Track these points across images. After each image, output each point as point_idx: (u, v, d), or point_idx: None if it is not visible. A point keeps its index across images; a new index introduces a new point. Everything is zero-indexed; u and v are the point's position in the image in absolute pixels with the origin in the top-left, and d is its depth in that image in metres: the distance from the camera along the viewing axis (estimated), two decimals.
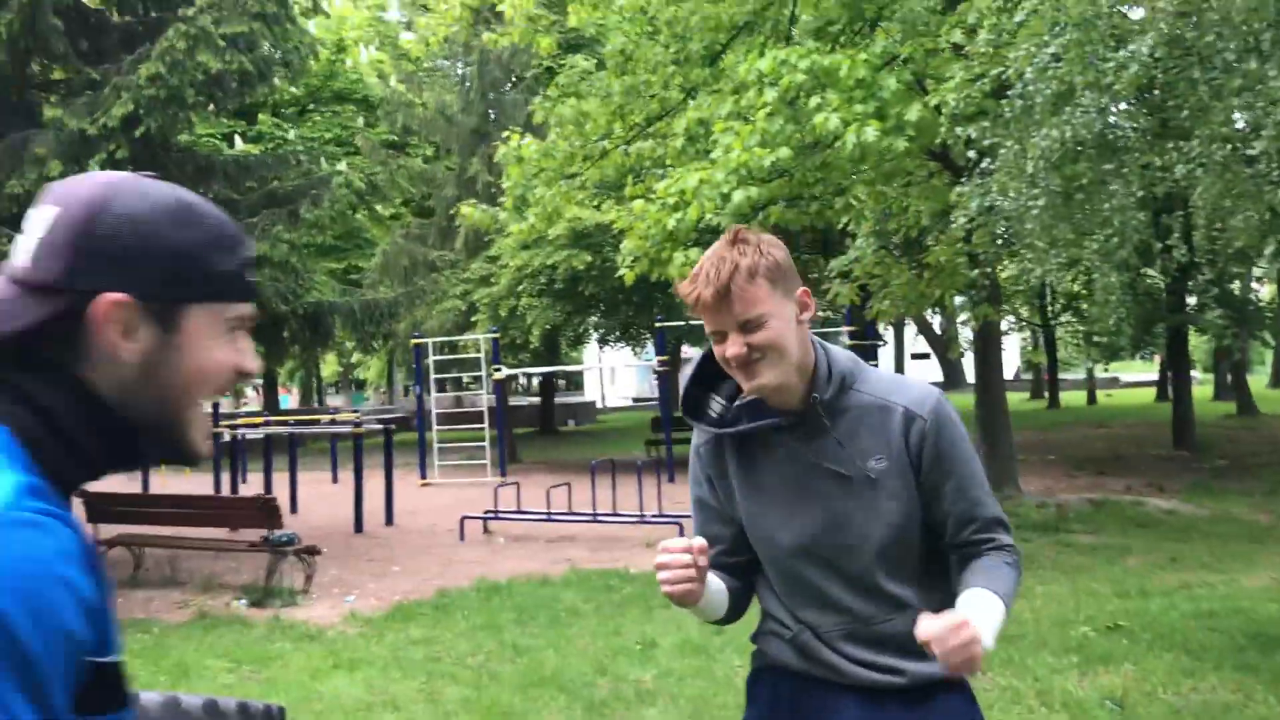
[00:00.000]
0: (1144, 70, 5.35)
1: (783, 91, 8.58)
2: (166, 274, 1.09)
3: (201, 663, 6.58)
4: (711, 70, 11.06)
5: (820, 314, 29.73)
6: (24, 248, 1.10)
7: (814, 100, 8.43)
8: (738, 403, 2.04)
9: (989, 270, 10.11)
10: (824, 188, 10.51)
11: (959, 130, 7.02)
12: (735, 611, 2.12)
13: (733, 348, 1.87)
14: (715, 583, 2.01)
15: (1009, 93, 6.30)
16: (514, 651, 6.63)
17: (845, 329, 14.91)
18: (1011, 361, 45.63)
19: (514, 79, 23.73)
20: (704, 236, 14.42)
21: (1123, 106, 6.01)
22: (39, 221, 1.10)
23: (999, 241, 8.59)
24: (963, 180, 7.81)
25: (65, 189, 1.11)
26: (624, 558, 9.74)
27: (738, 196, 8.57)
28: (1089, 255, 5.90)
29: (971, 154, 7.17)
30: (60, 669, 0.97)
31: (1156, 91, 5.82)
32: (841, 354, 2.01)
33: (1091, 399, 34.10)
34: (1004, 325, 24.11)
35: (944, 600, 1.92)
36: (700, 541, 1.87)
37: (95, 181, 1.11)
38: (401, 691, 5.84)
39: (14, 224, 9.66)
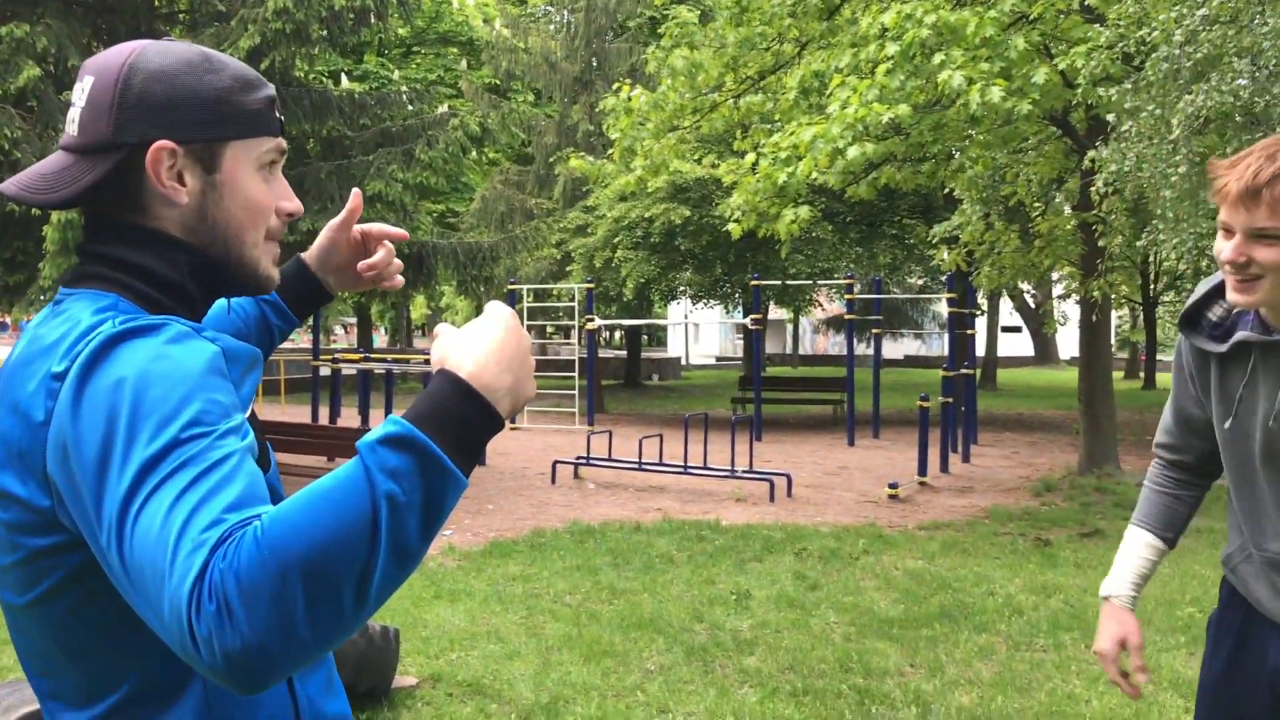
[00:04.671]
0: None
1: (905, 46, 8.41)
2: (200, 117, 1.17)
3: None
4: (828, 24, 10.88)
5: (918, 280, 29.35)
6: (70, 119, 1.20)
7: (938, 57, 8.25)
8: (1237, 310, 1.93)
9: (1120, 240, 9.79)
10: (939, 148, 10.29)
11: (1100, 91, 6.80)
12: (1176, 531, 2.25)
13: (1231, 252, 1.74)
14: (1141, 561, 2.20)
15: (1153, 55, 6.09)
16: (611, 593, 6.71)
17: (945, 295, 14.68)
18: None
19: (617, 28, 23.62)
20: (816, 196, 14.27)
21: (1266, 73, 5.76)
22: (78, 94, 1.19)
23: (1126, 210, 8.33)
24: (1096, 145, 7.58)
25: (96, 61, 1.20)
26: (714, 510, 9.79)
27: (853, 152, 8.45)
28: None
29: (1111, 118, 6.93)
30: None
31: None
32: None
33: None
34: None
35: None
36: (1125, 641, 2.14)
37: (121, 49, 1.20)
38: (503, 624, 5.97)
39: None
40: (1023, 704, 4.73)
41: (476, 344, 1.05)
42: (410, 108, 12.30)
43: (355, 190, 1.61)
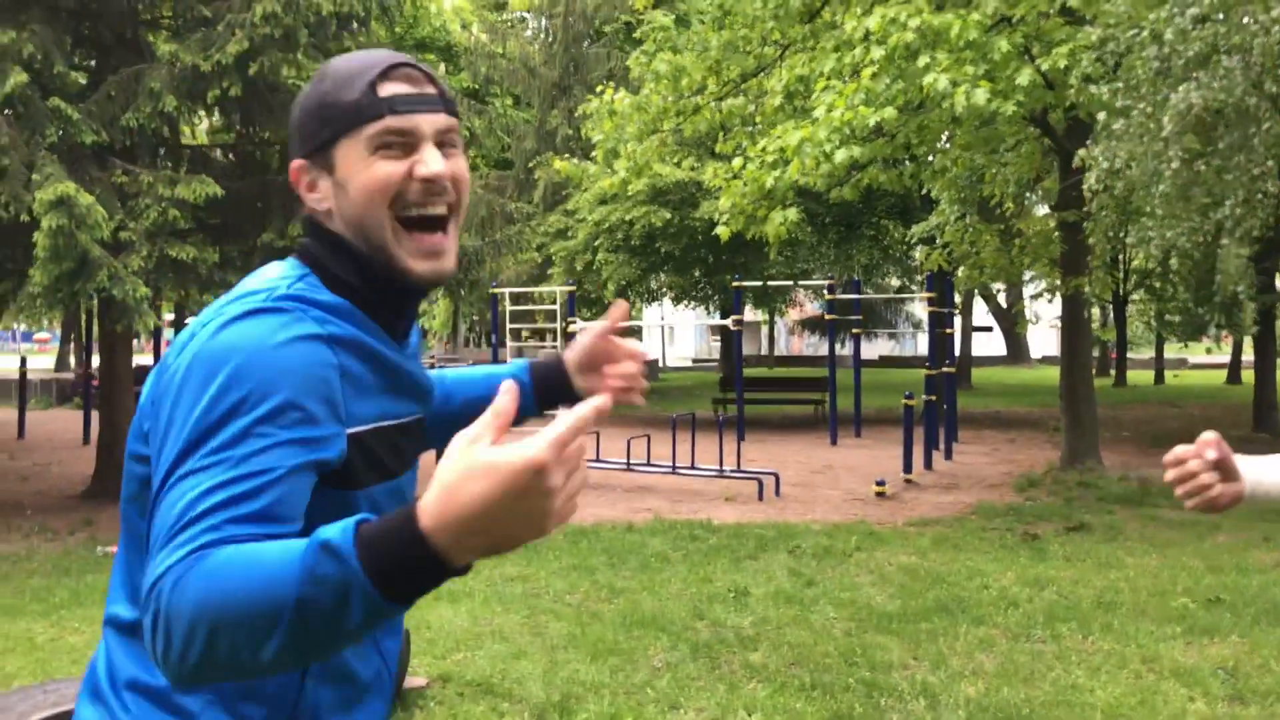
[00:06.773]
0: None
1: (890, 50, 8.51)
2: (312, 128, 1.29)
3: None
4: (810, 26, 10.98)
5: (895, 280, 29.56)
6: None
7: (922, 60, 8.36)
8: None
9: (1115, 236, 9.91)
10: (924, 149, 10.42)
11: (1092, 89, 6.91)
12: None
13: None
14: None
15: (1142, 54, 6.19)
16: (610, 592, 6.76)
17: (924, 295, 14.81)
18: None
19: (595, 33, 23.67)
20: (796, 199, 14.36)
21: (1258, 69, 5.86)
22: None
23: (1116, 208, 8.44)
24: (1087, 144, 7.69)
25: None
26: (705, 509, 9.85)
27: (840, 156, 8.54)
28: (1216, 222, 5.80)
29: (1102, 116, 7.03)
30: None
31: None
32: None
33: (1160, 379, 33.36)
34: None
35: None
36: (1208, 436, 1.67)
37: None
38: (506, 624, 6.00)
39: (129, 156, 9.88)
40: (1029, 694, 4.81)
41: (460, 496, 0.95)
42: None
43: (622, 301, 1.72)
